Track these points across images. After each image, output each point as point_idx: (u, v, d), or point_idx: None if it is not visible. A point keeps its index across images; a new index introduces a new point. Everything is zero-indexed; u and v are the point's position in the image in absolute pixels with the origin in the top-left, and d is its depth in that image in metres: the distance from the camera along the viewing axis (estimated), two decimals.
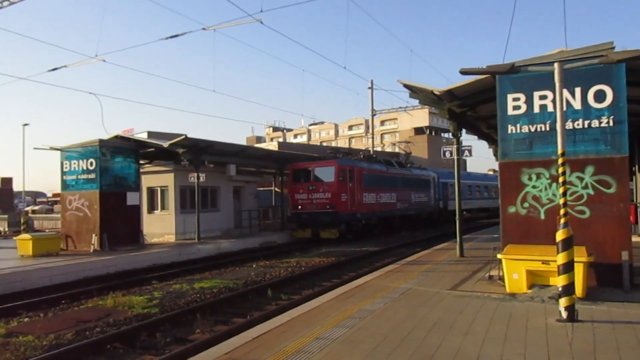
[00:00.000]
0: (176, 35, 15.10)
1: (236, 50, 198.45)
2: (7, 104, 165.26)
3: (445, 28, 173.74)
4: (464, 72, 7.01)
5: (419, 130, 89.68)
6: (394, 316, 6.90)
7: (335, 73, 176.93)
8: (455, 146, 13.11)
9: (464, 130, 14.66)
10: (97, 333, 7.90)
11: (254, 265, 15.14)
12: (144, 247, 18.39)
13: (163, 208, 22.74)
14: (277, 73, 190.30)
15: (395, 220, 27.53)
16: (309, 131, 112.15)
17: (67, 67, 16.78)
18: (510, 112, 9.01)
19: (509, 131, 9.04)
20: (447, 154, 13.31)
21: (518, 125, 8.96)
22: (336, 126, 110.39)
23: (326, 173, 22.34)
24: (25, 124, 49.87)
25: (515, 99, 8.95)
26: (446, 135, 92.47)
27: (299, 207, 22.53)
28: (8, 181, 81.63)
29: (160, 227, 22.19)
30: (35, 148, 23.25)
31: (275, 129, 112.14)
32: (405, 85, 12.36)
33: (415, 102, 30.09)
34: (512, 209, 8.93)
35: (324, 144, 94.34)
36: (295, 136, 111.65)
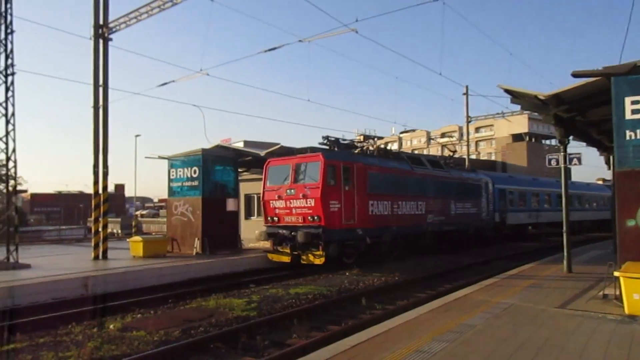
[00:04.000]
0: (274, 48, 15.63)
1: (329, 59, 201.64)
2: (123, 117, 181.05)
3: (548, 29, 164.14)
4: (576, 75, 6.55)
5: (517, 137, 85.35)
6: (497, 333, 6.55)
7: (430, 79, 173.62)
8: (562, 154, 12.26)
9: (570, 137, 13.73)
10: (201, 332, 8.32)
11: (347, 273, 15.17)
12: (241, 252, 19.15)
13: (259, 214, 23.56)
14: (369, 81, 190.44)
15: (425, 237, 20.49)
16: (400, 139, 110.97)
17: (175, 82, 18.01)
18: (628, 116, 8.26)
19: (627, 137, 8.29)
20: (553, 162, 12.48)
21: (638, 131, 8.19)
22: (428, 133, 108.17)
23: (309, 171, 16.00)
24: (137, 135, 54.35)
25: (634, 102, 8.20)
26: (548, 142, 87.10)
27: (276, 218, 16.67)
28: (121, 187, 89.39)
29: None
30: (146, 157, 25.27)
31: (366, 137, 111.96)
32: (506, 91, 11.80)
33: (514, 107, 28.72)
34: (631, 223, 8.15)
35: (416, 152, 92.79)
36: (386, 144, 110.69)
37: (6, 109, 15.29)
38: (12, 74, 15.46)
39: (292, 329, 8.54)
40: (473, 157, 54.57)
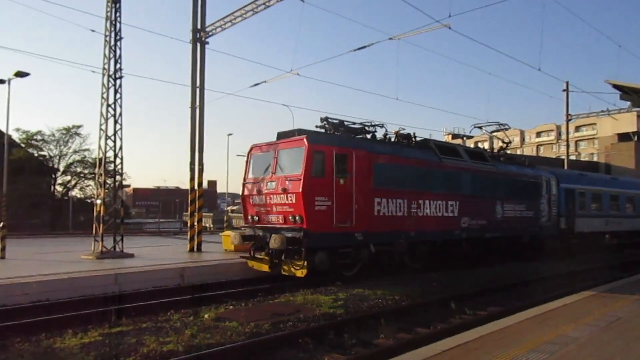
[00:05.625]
0: (363, 47, 15.68)
1: (419, 56, 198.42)
2: (217, 117, 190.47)
3: None
4: None
5: (624, 137, 78.59)
6: (604, 348, 6.06)
7: (527, 75, 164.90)
8: None
9: None
10: (290, 327, 8.50)
11: (435, 275, 14.76)
12: None
13: None
14: (460, 78, 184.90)
15: (460, 247, 16.81)
16: (490, 138, 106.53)
17: (266, 82, 18.60)
18: None
19: None
20: None
21: None
22: (522, 132, 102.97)
23: (291, 159, 12.96)
24: (230, 134, 56.87)
25: None
26: None
27: (256, 218, 13.81)
28: (213, 184, 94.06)
29: None
30: (238, 155, 26.31)
31: (455, 136, 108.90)
32: (615, 86, 10.93)
33: (622, 104, 26.49)
34: None
35: (508, 152, 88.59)
36: (476, 144, 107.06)
37: (115, 109, 16.62)
38: (120, 77, 16.78)
39: (379, 329, 8.47)
40: (572, 157, 51.10)
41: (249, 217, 14.06)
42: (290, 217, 12.55)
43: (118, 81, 16.67)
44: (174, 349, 7.12)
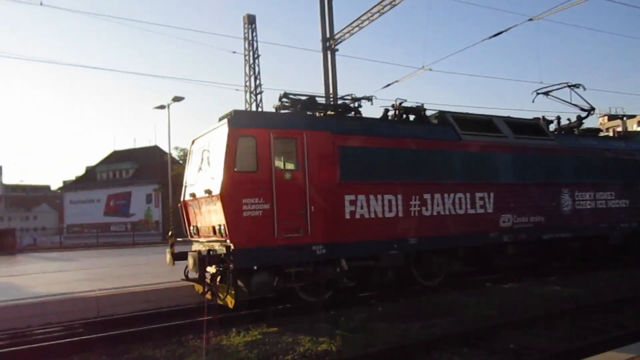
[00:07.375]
0: (500, 33, 14.83)
1: (563, 35, 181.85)
2: None
3: None
4: None
5: None
6: None
7: None
8: None
9: None
10: (440, 328, 8.26)
11: (605, 276, 13.15)
12: None
13: None
14: (616, 52, 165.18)
15: (503, 253, 12.73)
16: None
17: (398, 82, 18.50)
18: None
19: None
20: None
21: None
22: None
23: (215, 150, 9.80)
24: None
25: None
26: None
27: (195, 227, 10.99)
28: None
29: None
30: None
31: (611, 117, 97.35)
32: None
33: None
34: None
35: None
36: None
37: None
38: (260, 92, 17.97)
39: (540, 335, 7.84)
40: None
41: (190, 228, 11.24)
42: (217, 227, 9.56)
43: (259, 96, 17.88)
44: (328, 348, 7.33)
